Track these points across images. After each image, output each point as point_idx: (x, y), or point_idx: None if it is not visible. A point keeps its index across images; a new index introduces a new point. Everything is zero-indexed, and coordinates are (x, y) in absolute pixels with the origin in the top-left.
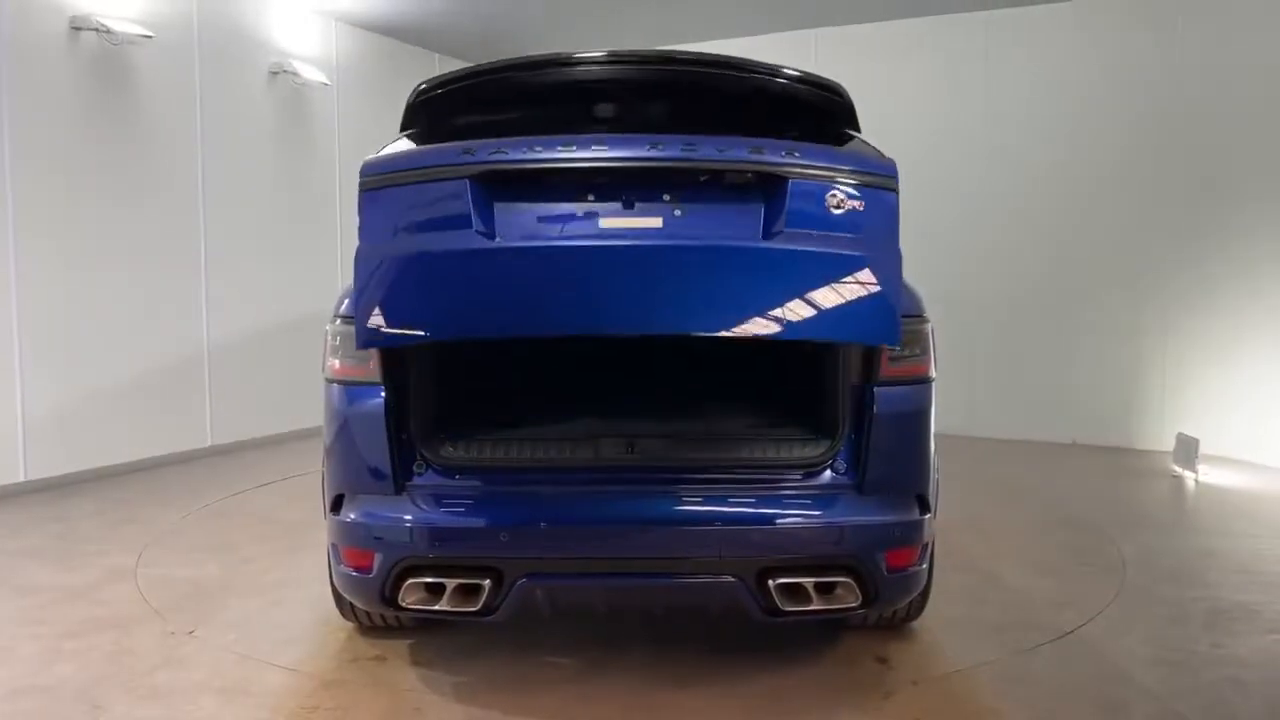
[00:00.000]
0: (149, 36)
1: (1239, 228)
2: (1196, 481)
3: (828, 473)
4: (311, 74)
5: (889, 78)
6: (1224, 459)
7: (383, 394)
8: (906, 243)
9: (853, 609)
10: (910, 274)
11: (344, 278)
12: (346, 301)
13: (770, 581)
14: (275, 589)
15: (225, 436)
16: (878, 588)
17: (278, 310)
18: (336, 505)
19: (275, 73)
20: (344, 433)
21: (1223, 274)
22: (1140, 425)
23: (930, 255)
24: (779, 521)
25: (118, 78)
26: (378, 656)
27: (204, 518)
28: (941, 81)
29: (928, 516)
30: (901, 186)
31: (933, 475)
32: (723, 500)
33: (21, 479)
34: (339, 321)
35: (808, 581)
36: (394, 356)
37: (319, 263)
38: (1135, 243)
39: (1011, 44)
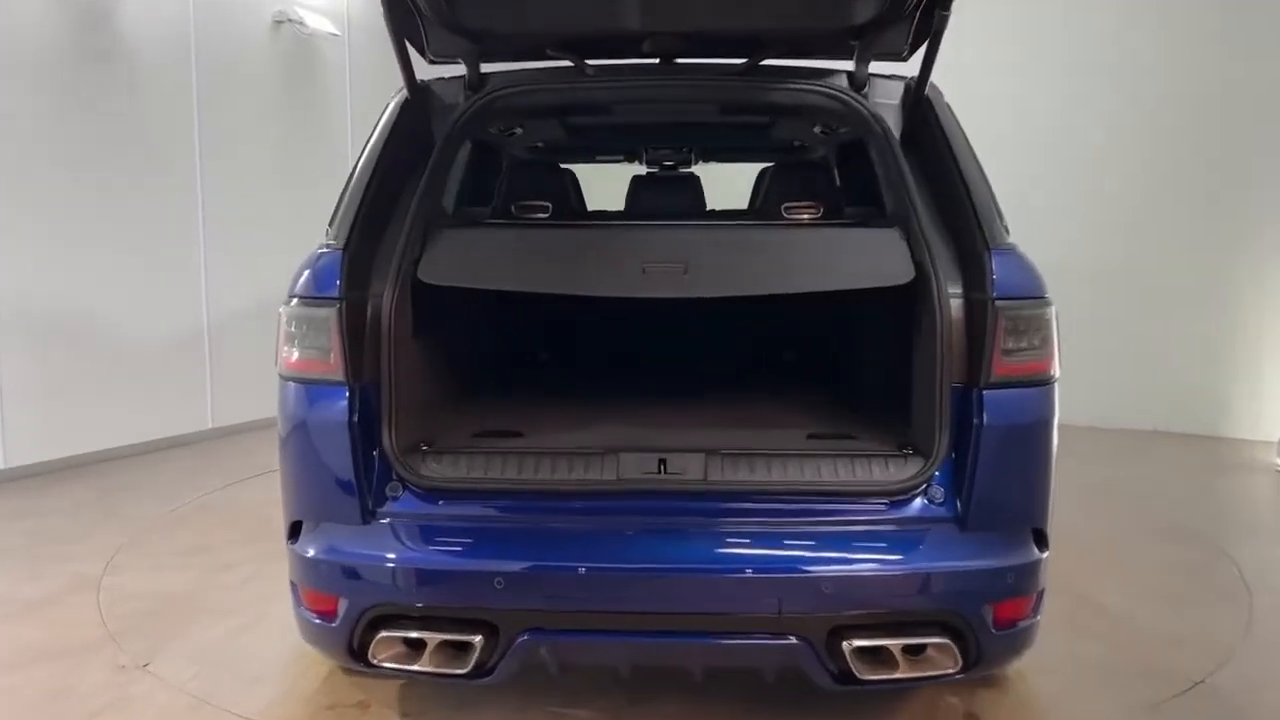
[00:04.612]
0: None
1: None
2: None
3: (920, 501)
4: (320, 23)
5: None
6: None
7: (347, 395)
8: None
9: (949, 675)
10: None
11: None
12: (305, 275)
13: (844, 644)
14: (251, 606)
15: (227, 418)
16: (981, 649)
17: (284, 283)
18: (294, 533)
19: (279, 21)
20: (300, 443)
21: None
22: (1232, 411)
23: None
24: (856, 566)
25: (103, 26)
26: (360, 703)
27: (189, 513)
28: (1019, 49)
29: (1045, 555)
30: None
31: (1051, 501)
32: (782, 538)
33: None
34: (295, 302)
35: (893, 644)
36: (363, 347)
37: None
38: (1229, 206)
39: (1093, 7)
